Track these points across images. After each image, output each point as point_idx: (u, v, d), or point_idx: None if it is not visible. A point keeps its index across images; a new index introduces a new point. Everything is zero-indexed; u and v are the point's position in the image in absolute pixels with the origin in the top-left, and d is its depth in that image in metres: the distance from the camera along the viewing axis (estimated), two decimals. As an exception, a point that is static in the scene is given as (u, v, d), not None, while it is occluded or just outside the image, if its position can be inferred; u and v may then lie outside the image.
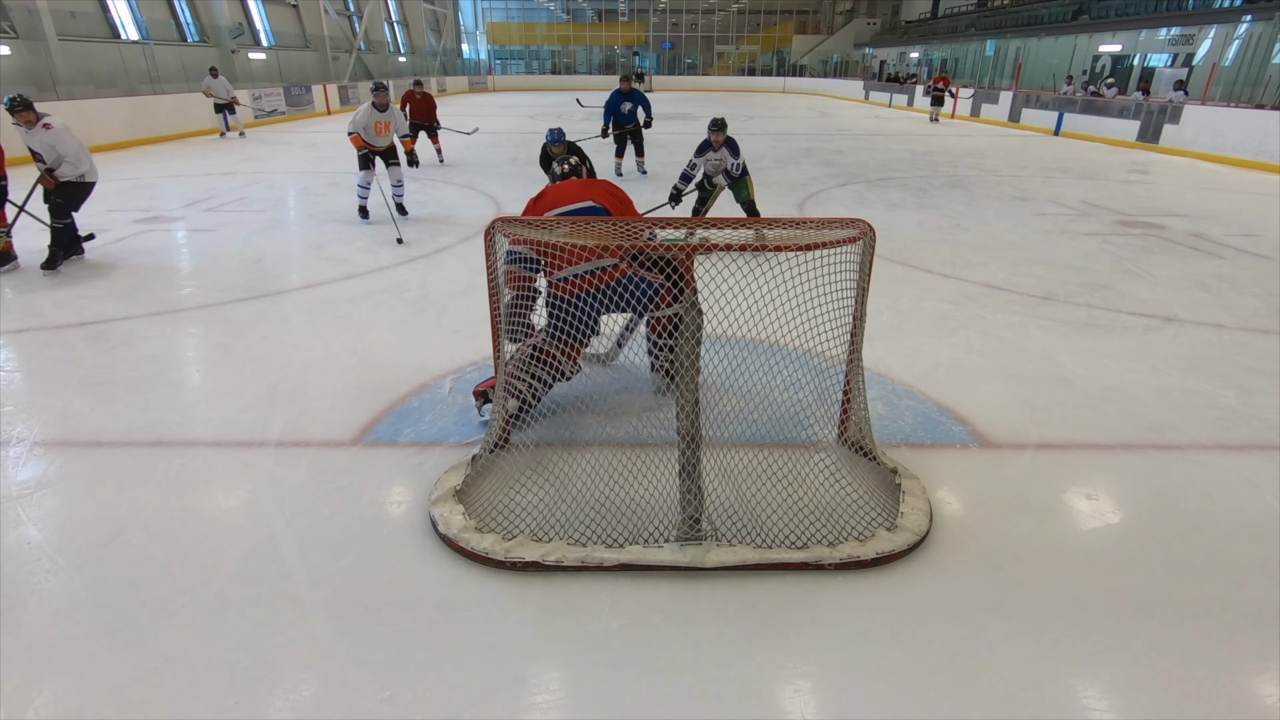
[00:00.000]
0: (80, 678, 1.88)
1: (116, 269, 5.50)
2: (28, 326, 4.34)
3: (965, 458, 2.99)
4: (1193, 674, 1.92)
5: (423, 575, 2.26)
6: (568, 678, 1.90)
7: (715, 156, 6.06)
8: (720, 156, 6.02)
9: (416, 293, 5.01)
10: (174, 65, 16.82)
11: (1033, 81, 22.52)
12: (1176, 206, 8.35)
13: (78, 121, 11.75)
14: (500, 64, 42.40)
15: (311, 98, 19.83)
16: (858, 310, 2.72)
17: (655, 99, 13.80)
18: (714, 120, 5.98)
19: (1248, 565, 2.34)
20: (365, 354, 3.96)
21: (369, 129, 7.01)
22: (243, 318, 4.52)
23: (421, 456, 2.93)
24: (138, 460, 2.93)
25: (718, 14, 42.42)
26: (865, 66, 35.11)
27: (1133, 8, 20.89)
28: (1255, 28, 15.62)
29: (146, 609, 2.11)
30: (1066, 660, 1.96)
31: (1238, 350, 4.11)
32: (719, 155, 6.05)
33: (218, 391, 3.55)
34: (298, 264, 5.74)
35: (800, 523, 2.45)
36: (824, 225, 2.65)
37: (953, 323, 4.43)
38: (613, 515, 2.48)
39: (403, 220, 7.05)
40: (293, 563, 2.32)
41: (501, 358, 2.78)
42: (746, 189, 6.19)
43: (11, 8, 13.11)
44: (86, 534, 2.45)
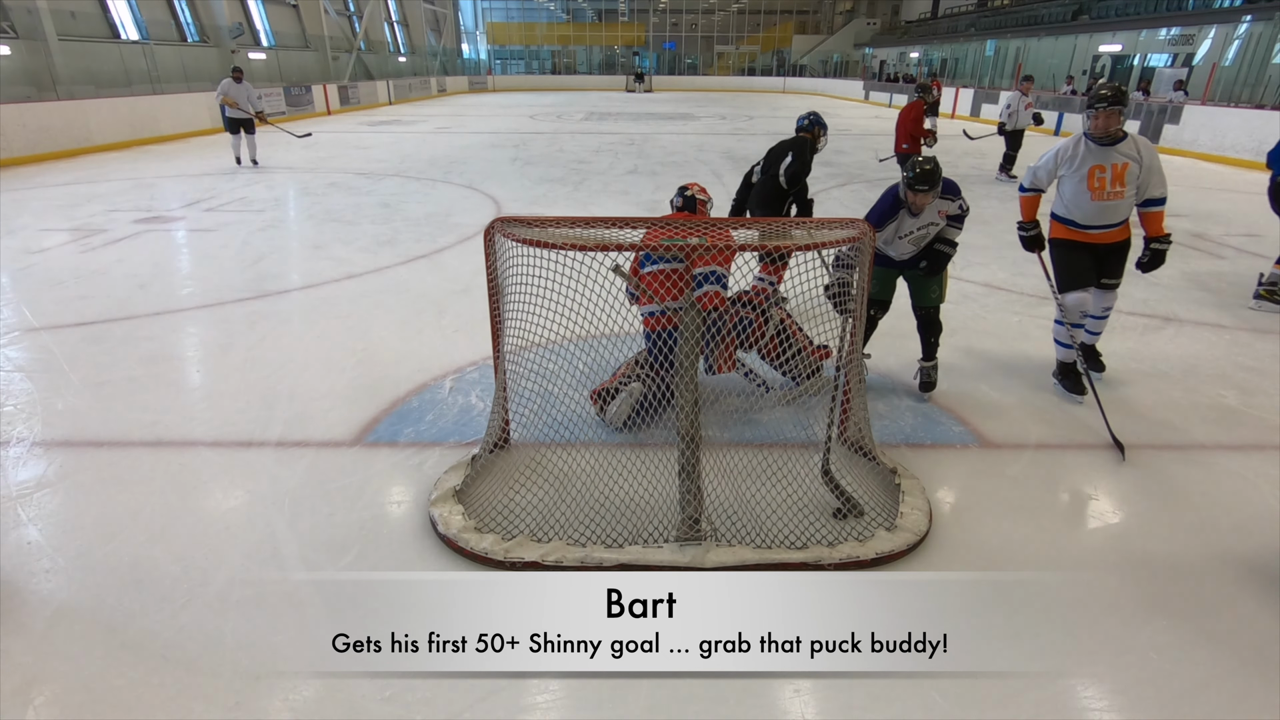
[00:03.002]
0: (80, 678, 1.88)
1: (116, 269, 5.49)
2: (28, 326, 4.34)
3: (965, 458, 2.99)
4: (1193, 674, 1.92)
5: (422, 575, 2.26)
6: (568, 678, 1.90)
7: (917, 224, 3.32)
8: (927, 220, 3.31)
9: (416, 293, 5.01)
10: (174, 65, 16.82)
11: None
12: (1176, 206, 8.32)
13: (78, 121, 11.82)
14: (500, 64, 42.40)
15: (311, 98, 19.82)
16: (858, 310, 2.72)
17: (655, 99, 13.80)
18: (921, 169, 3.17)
19: (1248, 565, 2.34)
20: (365, 354, 3.96)
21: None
22: (243, 318, 4.52)
23: (421, 456, 2.93)
24: (138, 460, 2.93)
25: (718, 14, 42.42)
26: (865, 66, 35.10)
27: (1133, 8, 20.88)
28: (1255, 28, 15.61)
29: (146, 609, 2.11)
30: (1066, 660, 1.96)
31: (1238, 350, 4.11)
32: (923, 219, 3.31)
33: (217, 391, 3.55)
34: (298, 264, 5.74)
35: (799, 523, 2.45)
36: (824, 225, 2.66)
37: (953, 323, 4.43)
38: (612, 515, 2.48)
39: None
40: (293, 563, 2.32)
41: (501, 358, 2.78)
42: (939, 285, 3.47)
43: (11, 8, 13.11)
44: (86, 534, 2.45)
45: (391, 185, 9.25)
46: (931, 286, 3.44)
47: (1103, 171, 3.27)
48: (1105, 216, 3.35)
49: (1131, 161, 3.24)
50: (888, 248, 3.39)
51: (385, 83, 25.28)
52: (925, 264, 3.38)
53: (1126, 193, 3.27)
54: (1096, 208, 3.32)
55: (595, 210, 7.87)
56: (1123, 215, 3.37)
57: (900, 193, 3.25)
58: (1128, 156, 3.25)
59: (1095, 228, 3.37)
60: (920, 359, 3.55)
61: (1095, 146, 3.28)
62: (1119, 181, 3.27)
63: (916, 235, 3.33)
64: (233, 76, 10.30)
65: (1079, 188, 3.34)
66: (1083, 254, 3.42)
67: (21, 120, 10.69)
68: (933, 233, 3.35)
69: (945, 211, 3.30)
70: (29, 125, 10.82)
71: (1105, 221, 3.35)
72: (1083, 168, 3.31)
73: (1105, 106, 3.21)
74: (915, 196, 3.19)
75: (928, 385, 3.52)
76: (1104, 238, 3.39)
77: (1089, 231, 3.39)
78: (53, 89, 13.14)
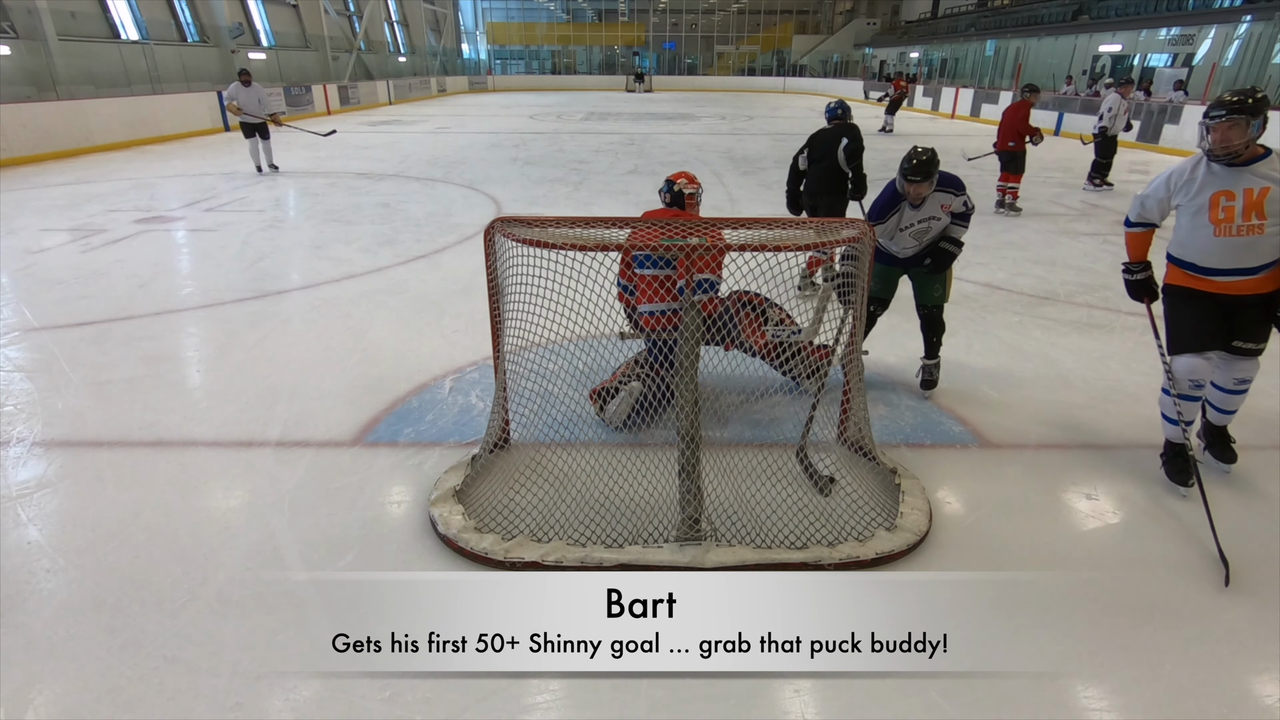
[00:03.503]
0: (80, 678, 1.88)
1: (116, 269, 5.49)
2: (28, 326, 4.34)
3: (965, 458, 2.99)
4: (1193, 674, 1.92)
5: (422, 575, 2.26)
6: (568, 678, 1.90)
7: (917, 216, 3.31)
8: (928, 213, 3.30)
9: (416, 293, 5.01)
10: (174, 65, 16.82)
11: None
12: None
13: (78, 121, 11.82)
14: (500, 64, 42.40)
15: (311, 98, 19.82)
16: (858, 310, 2.73)
17: (655, 99, 13.79)
18: (916, 159, 3.14)
19: (1248, 565, 2.33)
20: (365, 354, 3.96)
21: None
22: (243, 318, 4.52)
23: (421, 456, 2.93)
24: (138, 460, 2.93)
25: (718, 14, 42.42)
26: (865, 67, 35.09)
27: (1133, 8, 20.88)
28: (1255, 28, 15.61)
29: (146, 609, 2.11)
30: (1066, 660, 1.96)
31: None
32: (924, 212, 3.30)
33: (217, 391, 3.55)
34: (298, 264, 5.74)
35: (799, 523, 2.45)
36: (824, 225, 2.66)
37: (953, 323, 4.42)
38: (612, 515, 2.48)
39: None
40: (293, 563, 2.32)
41: (501, 358, 2.78)
42: (943, 284, 3.48)
43: (11, 8, 13.11)
44: (86, 534, 2.45)
45: (391, 185, 9.25)
46: (934, 286, 3.43)
47: (1230, 200, 2.52)
48: (1235, 258, 2.57)
49: (1274, 185, 2.47)
50: (890, 243, 3.36)
51: (385, 83, 25.28)
52: (930, 262, 3.36)
53: (1267, 227, 2.49)
54: (1221, 246, 2.56)
55: (595, 210, 7.87)
56: (1264, 258, 2.55)
57: (899, 185, 3.22)
58: (1269, 179, 2.48)
59: (1222, 273, 2.60)
60: (923, 357, 3.55)
61: (1220, 168, 2.56)
62: (1255, 212, 2.49)
63: (918, 228, 3.29)
64: (240, 80, 9.49)
65: (1197, 220, 2.61)
66: (1203, 307, 2.66)
67: (21, 120, 10.69)
68: (934, 227, 3.32)
69: (948, 206, 3.27)
70: (29, 125, 10.82)
71: (1235, 265, 2.57)
72: (1202, 195, 2.58)
73: (1224, 116, 2.47)
74: (911, 187, 3.16)
75: (929, 383, 3.53)
76: (1235, 287, 2.60)
77: (1213, 279, 2.62)
78: (53, 89, 13.14)
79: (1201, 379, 2.64)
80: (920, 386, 3.54)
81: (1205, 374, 2.64)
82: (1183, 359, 2.65)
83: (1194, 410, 2.71)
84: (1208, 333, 2.63)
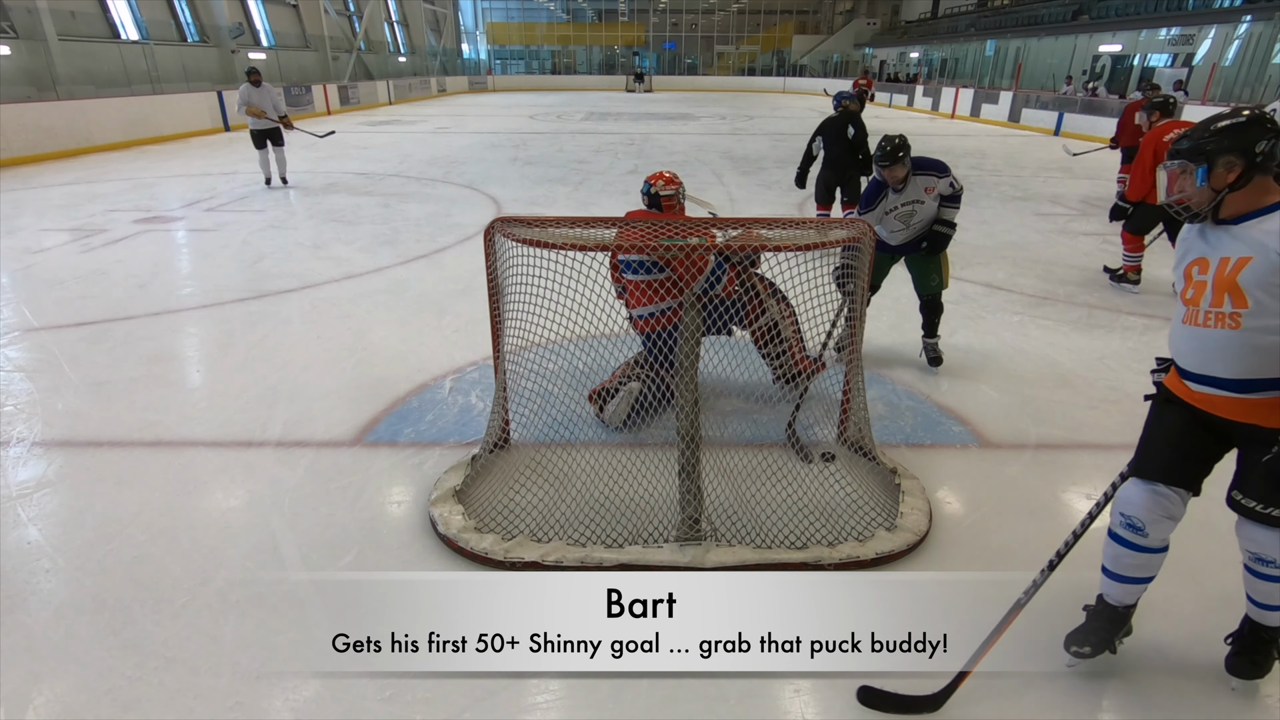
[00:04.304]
0: (80, 678, 1.88)
1: (116, 269, 5.49)
2: (28, 326, 4.34)
3: (965, 458, 2.99)
4: (1193, 674, 1.92)
5: (422, 575, 2.26)
6: (568, 678, 1.90)
7: (901, 200, 3.48)
8: (911, 196, 3.47)
9: (416, 293, 5.01)
10: (174, 65, 16.82)
11: (1033, 81, 22.52)
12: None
13: (78, 121, 11.83)
14: (500, 64, 42.40)
15: (311, 98, 19.83)
16: (858, 310, 2.73)
17: (655, 99, 13.81)
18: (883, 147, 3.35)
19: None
20: (365, 354, 3.96)
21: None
22: (242, 318, 4.52)
23: (421, 456, 2.93)
24: (138, 460, 2.93)
25: (718, 14, 42.42)
26: (865, 66, 35.10)
27: (1133, 8, 20.89)
28: (1255, 28, 15.62)
29: (146, 609, 2.11)
30: (1066, 660, 1.96)
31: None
32: (907, 195, 3.47)
33: (217, 391, 3.55)
34: (298, 264, 5.73)
35: (799, 523, 2.45)
36: (824, 225, 2.66)
37: (953, 323, 4.43)
38: (612, 515, 2.47)
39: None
40: (293, 563, 2.32)
41: (501, 358, 2.78)
42: (939, 267, 3.64)
43: (11, 8, 13.11)
44: (86, 534, 2.45)
45: (391, 185, 9.25)
46: (931, 275, 3.63)
47: (1202, 272, 1.71)
48: (1204, 360, 1.72)
49: (1260, 255, 1.60)
50: (880, 227, 3.58)
51: (385, 83, 25.28)
52: (926, 245, 3.58)
53: (1245, 319, 1.62)
54: (1190, 338, 1.75)
55: (595, 210, 7.87)
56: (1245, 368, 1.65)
57: (876, 173, 3.47)
58: (1255, 245, 1.61)
59: (1195, 379, 1.76)
60: (924, 336, 3.81)
61: (1209, 227, 1.73)
62: (1228, 293, 1.65)
63: (902, 211, 3.49)
64: (250, 81, 8.47)
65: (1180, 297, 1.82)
66: (1183, 423, 1.81)
67: (21, 120, 10.69)
68: (919, 211, 3.50)
69: (932, 190, 3.47)
70: (29, 125, 10.82)
71: (1205, 370, 1.73)
72: (1183, 262, 1.80)
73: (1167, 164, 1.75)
74: (885, 172, 3.40)
75: (935, 360, 3.77)
76: (1216, 405, 1.73)
77: (1190, 384, 1.78)
78: (53, 89, 13.15)
79: (1140, 521, 1.79)
80: (929, 364, 3.77)
81: (1149, 516, 1.78)
82: (1128, 485, 1.85)
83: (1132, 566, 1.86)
84: (1172, 462, 1.79)
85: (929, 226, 3.55)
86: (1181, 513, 1.79)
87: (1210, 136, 1.68)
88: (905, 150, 3.35)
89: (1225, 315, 1.65)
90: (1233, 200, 1.67)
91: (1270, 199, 1.65)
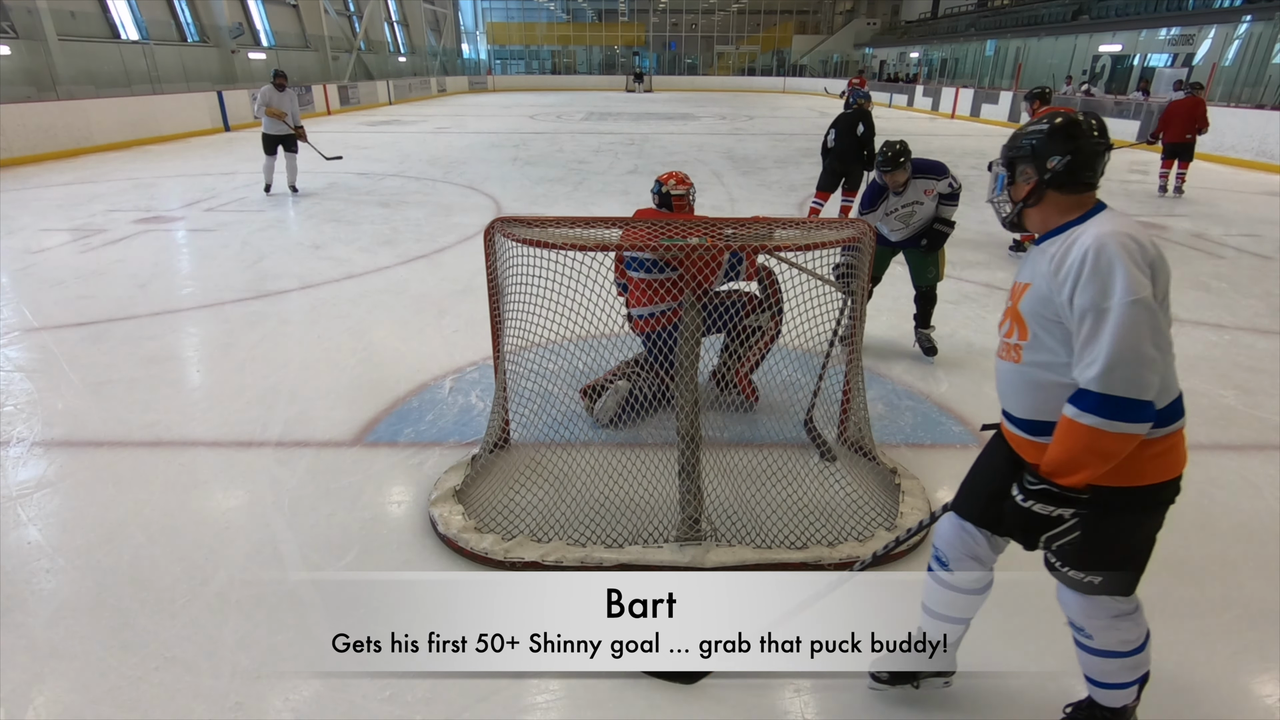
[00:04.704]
0: (80, 678, 1.88)
1: (116, 269, 5.49)
2: (28, 326, 4.34)
3: (965, 458, 2.96)
4: (1193, 674, 1.92)
5: (422, 575, 2.26)
6: (568, 678, 1.90)
7: (901, 201, 3.62)
8: (911, 198, 3.61)
9: (416, 293, 5.01)
10: (174, 65, 16.83)
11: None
12: (1176, 206, 8.34)
13: (78, 121, 11.83)
14: (500, 64, 42.41)
15: (311, 98, 19.82)
16: (858, 310, 2.73)
17: (655, 99, 13.82)
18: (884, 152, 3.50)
19: (1248, 565, 2.34)
20: (365, 354, 3.96)
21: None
22: (243, 318, 4.52)
23: (421, 456, 2.93)
24: (138, 460, 2.93)
25: (718, 14, 42.42)
26: (865, 66, 35.10)
27: (1133, 8, 20.89)
28: (1255, 28, 15.61)
29: (146, 609, 2.11)
30: (1066, 660, 1.96)
31: (1238, 350, 4.11)
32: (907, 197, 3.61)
33: (217, 391, 3.55)
34: (298, 264, 5.73)
35: (799, 523, 2.45)
36: (824, 225, 2.66)
37: (953, 323, 4.43)
38: (612, 515, 2.48)
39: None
40: (293, 563, 2.32)
41: (501, 358, 2.78)
42: (937, 261, 3.78)
43: (11, 8, 13.11)
44: (86, 534, 2.45)
45: (391, 185, 9.25)
46: (928, 268, 3.80)
47: (1009, 298, 1.57)
48: (1001, 393, 1.63)
49: (1042, 279, 1.43)
50: (881, 225, 3.71)
51: (385, 83, 25.28)
52: (926, 242, 3.72)
53: (1025, 352, 1.49)
54: (996, 370, 1.64)
55: (595, 210, 7.87)
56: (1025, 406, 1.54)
57: (877, 176, 3.60)
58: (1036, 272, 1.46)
59: (1004, 414, 1.65)
60: (918, 326, 3.90)
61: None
62: (1013, 321, 1.53)
63: (902, 212, 3.64)
64: (274, 83, 8.04)
65: None
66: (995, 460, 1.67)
67: (21, 120, 10.69)
68: (919, 211, 3.64)
69: (931, 191, 3.61)
70: (29, 125, 10.81)
71: (1004, 405, 1.64)
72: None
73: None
74: (886, 176, 3.54)
75: (930, 350, 3.85)
76: (1015, 443, 1.60)
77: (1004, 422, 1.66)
78: (53, 89, 13.15)
79: (947, 556, 1.70)
80: (924, 354, 3.85)
81: (953, 554, 1.70)
82: (944, 519, 1.74)
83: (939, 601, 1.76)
84: (975, 498, 1.68)
85: (929, 224, 3.71)
86: (989, 556, 1.67)
87: (1013, 140, 1.53)
88: (906, 156, 3.51)
89: (1011, 346, 1.53)
90: (1030, 216, 1.52)
91: (1064, 218, 1.46)
